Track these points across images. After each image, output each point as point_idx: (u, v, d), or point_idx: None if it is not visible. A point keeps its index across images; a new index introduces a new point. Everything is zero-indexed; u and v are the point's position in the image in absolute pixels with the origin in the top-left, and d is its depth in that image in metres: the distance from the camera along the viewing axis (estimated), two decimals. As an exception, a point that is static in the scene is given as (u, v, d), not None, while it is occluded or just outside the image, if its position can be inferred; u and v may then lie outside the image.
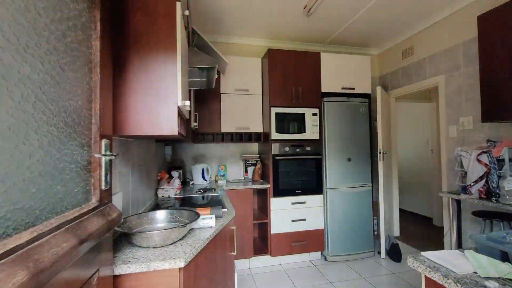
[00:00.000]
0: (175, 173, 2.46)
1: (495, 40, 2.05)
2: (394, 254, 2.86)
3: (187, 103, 1.25)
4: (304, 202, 2.88)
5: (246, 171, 3.27)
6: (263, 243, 3.01)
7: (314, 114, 2.95)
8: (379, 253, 3.02)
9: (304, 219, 2.87)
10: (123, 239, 1.15)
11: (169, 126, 1.13)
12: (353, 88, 3.10)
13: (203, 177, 2.94)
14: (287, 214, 2.83)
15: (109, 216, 0.78)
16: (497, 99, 2.03)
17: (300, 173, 2.91)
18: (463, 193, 2.16)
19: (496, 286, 0.77)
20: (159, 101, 1.12)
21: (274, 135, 2.85)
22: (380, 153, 2.94)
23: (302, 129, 2.92)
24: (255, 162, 3.27)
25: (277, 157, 2.85)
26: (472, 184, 2.07)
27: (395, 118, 3.67)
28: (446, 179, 2.83)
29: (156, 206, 1.83)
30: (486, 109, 2.13)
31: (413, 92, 3.32)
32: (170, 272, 0.97)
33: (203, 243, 1.14)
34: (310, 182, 2.92)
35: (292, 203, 2.85)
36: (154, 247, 1.07)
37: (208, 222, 1.32)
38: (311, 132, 2.94)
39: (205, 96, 2.96)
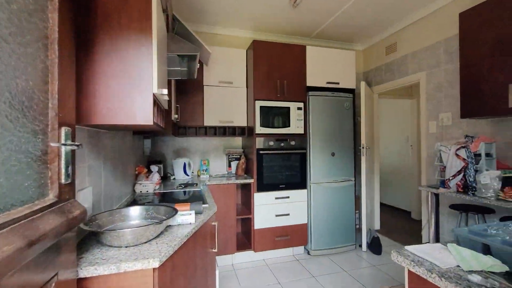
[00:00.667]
0: (154, 168, 2.35)
1: (475, 37, 2.09)
2: (375, 247, 2.91)
3: (165, 91, 1.16)
4: (288, 197, 2.86)
5: (229, 166, 3.19)
6: (246, 238, 2.97)
7: (299, 108, 2.92)
8: (360, 246, 3.07)
9: (288, 214, 2.85)
10: (92, 239, 1.06)
11: (144, 115, 1.04)
12: (338, 83, 3.09)
13: (185, 172, 2.84)
14: (271, 209, 2.80)
15: (70, 213, 0.69)
16: (476, 95, 2.08)
17: (284, 168, 2.88)
18: (442, 187, 2.22)
19: (479, 279, 0.76)
20: (132, 87, 1.03)
21: (259, 129, 2.79)
22: (363, 148, 2.97)
23: (286, 123, 2.88)
24: (239, 156, 3.20)
25: (261, 152, 2.80)
26: (450, 178, 2.13)
27: (378, 114, 3.72)
28: (425, 173, 2.90)
29: (133, 202, 1.73)
30: (465, 105, 2.18)
31: (396, 88, 3.37)
32: (143, 273, 0.89)
33: (181, 241, 1.07)
34: (294, 177, 2.90)
35: (276, 198, 2.83)
36: (126, 246, 0.98)
37: (187, 218, 1.25)
38: (295, 126, 2.91)
39: (187, 88, 2.84)
